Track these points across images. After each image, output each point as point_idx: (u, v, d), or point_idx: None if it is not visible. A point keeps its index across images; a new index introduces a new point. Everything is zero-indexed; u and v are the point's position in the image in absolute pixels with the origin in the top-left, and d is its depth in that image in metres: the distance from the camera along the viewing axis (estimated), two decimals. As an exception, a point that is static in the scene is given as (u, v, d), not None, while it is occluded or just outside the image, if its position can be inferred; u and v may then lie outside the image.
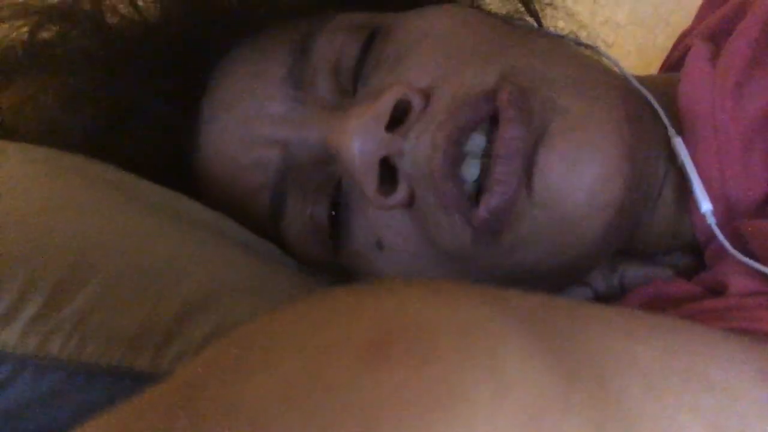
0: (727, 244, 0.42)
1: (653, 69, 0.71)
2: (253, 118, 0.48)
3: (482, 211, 0.41)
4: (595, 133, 0.41)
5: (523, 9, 0.58)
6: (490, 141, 0.42)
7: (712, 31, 0.57)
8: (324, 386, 0.19)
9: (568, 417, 0.21)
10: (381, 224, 0.45)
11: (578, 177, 0.40)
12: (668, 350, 0.27)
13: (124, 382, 0.36)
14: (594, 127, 0.41)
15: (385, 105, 0.42)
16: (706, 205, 0.44)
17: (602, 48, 0.54)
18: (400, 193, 0.43)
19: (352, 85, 0.47)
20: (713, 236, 0.43)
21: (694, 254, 0.47)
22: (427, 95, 0.43)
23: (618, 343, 0.26)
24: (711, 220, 0.43)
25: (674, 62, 0.65)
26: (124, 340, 0.37)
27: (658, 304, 0.42)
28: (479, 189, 0.42)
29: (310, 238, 0.48)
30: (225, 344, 0.22)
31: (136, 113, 0.51)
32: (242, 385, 0.20)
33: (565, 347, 0.23)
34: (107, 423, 0.20)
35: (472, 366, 0.20)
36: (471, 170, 0.42)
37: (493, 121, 0.42)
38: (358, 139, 0.41)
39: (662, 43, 0.75)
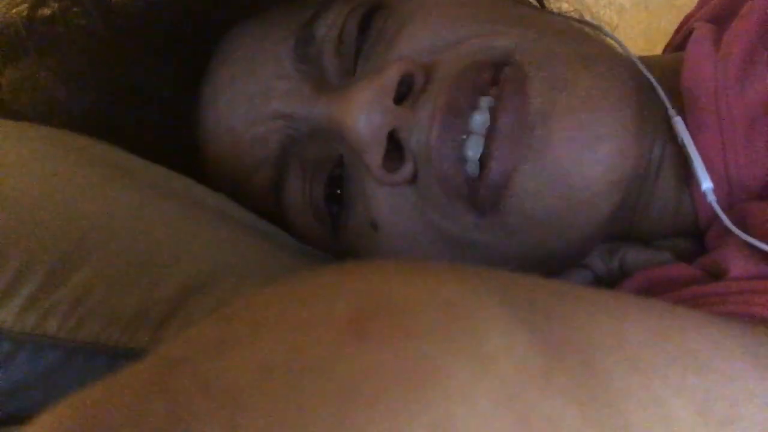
0: (726, 220, 0.41)
1: (658, 53, 0.71)
2: (258, 94, 0.48)
3: (482, 189, 0.41)
4: (603, 109, 0.41)
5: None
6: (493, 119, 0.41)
7: (716, 14, 0.56)
8: (303, 363, 0.19)
9: (549, 396, 0.20)
10: (378, 203, 0.45)
11: (586, 155, 0.40)
12: (657, 332, 0.27)
13: (122, 361, 0.36)
14: (602, 102, 0.41)
15: (391, 78, 0.42)
16: (706, 183, 0.43)
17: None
18: (406, 170, 0.43)
19: (353, 64, 0.47)
20: (714, 218, 0.43)
21: (696, 239, 0.47)
22: (429, 70, 0.43)
23: (605, 324, 0.25)
24: (711, 198, 0.43)
25: (678, 45, 0.64)
26: (122, 319, 0.37)
27: (658, 287, 0.42)
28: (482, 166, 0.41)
29: (309, 215, 0.48)
30: (207, 322, 0.22)
31: (137, 92, 0.50)
32: (220, 362, 0.19)
33: (549, 326, 0.23)
34: (79, 403, 0.19)
35: (451, 343, 0.20)
36: (475, 148, 0.42)
37: (496, 99, 0.41)
38: (365, 112, 0.41)
39: (667, 26, 0.74)
